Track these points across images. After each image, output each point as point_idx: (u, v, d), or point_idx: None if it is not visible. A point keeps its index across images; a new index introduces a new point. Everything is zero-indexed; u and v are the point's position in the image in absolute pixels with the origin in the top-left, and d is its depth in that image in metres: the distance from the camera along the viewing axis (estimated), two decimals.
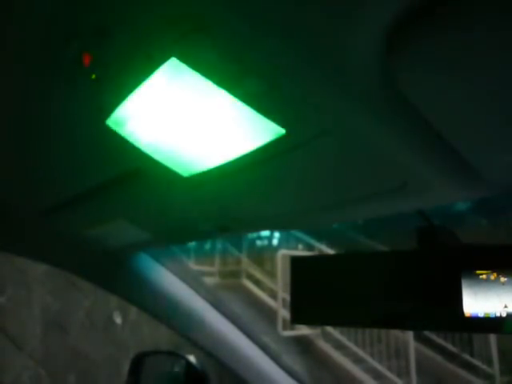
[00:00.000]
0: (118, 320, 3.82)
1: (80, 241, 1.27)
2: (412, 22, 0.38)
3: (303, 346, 5.39)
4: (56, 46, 0.50)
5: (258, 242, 7.96)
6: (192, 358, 1.38)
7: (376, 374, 5.12)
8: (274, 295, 6.10)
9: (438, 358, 5.40)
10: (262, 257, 7.31)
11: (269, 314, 5.74)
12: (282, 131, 0.56)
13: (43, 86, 0.58)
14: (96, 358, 3.54)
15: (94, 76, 0.52)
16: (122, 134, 0.65)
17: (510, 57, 0.39)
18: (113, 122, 0.62)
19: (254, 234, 7.48)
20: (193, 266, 6.36)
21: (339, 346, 5.45)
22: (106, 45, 0.48)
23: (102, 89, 0.55)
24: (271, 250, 7.16)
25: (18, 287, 3.27)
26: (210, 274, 6.94)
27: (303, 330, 5.60)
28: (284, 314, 5.44)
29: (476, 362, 5.26)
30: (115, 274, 1.48)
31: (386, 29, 0.39)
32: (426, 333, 5.32)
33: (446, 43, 0.39)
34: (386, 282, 0.82)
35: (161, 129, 0.63)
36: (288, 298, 0.96)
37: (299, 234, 6.35)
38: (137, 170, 0.78)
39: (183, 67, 0.48)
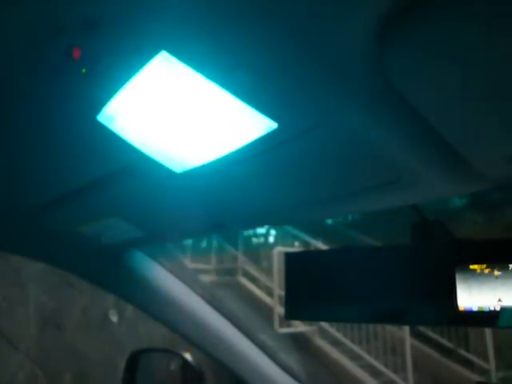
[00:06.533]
0: (114, 318, 3.82)
1: (74, 239, 1.27)
2: (405, 15, 0.38)
3: (300, 343, 5.38)
4: (45, 40, 0.49)
5: (254, 240, 7.96)
6: (188, 356, 1.38)
7: (373, 371, 5.13)
8: (270, 292, 6.09)
9: (434, 354, 5.41)
10: (258, 254, 7.31)
11: (265, 311, 5.74)
12: (274, 125, 0.56)
13: (33, 82, 0.58)
14: (92, 356, 3.53)
15: (84, 70, 0.52)
16: (114, 130, 0.64)
17: (505, 49, 0.39)
18: (104, 117, 0.62)
19: (250, 232, 7.49)
20: (189, 263, 6.35)
21: (336, 343, 5.46)
22: (95, 38, 0.47)
23: (92, 83, 0.54)
24: (267, 247, 7.16)
25: (12, 286, 3.26)
26: (207, 272, 6.93)
27: (300, 327, 5.60)
28: (280, 311, 5.43)
29: (472, 357, 5.27)
30: (110, 272, 1.47)
31: (379, 22, 0.39)
32: (422, 329, 5.34)
33: (439, 35, 0.39)
34: (380, 277, 0.82)
35: (152, 124, 0.62)
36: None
37: (295, 231, 6.35)
38: (129, 166, 0.77)
39: (174, 60, 0.47)
